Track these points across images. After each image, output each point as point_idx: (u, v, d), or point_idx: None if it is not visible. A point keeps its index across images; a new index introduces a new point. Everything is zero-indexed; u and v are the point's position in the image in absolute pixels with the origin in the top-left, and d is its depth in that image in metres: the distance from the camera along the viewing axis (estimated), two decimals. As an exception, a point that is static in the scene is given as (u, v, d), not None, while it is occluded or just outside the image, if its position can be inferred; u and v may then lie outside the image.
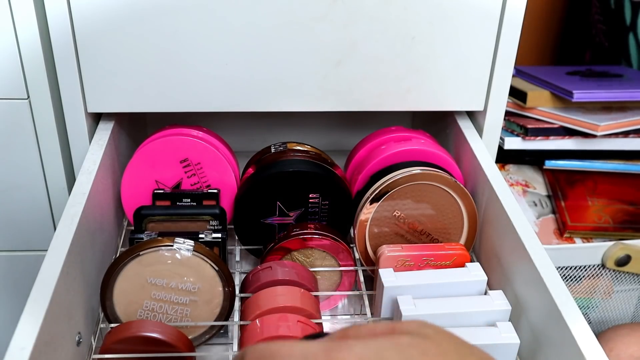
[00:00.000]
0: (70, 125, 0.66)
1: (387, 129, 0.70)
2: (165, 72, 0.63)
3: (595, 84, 0.88)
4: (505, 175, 0.94)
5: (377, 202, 0.62)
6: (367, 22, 0.62)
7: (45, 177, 0.69)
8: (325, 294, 0.65)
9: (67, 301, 0.47)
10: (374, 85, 0.66)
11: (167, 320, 0.55)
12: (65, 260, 0.47)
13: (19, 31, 0.61)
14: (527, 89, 0.88)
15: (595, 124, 0.84)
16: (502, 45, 0.65)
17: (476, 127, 0.71)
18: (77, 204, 0.53)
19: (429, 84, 0.67)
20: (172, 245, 0.54)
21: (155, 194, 0.63)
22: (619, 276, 0.87)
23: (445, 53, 0.65)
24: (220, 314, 0.56)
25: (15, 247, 0.74)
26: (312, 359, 0.29)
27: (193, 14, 0.61)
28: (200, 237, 0.58)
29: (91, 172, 0.58)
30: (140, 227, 0.60)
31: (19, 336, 0.40)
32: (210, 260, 0.54)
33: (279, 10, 0.61)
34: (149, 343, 0.51)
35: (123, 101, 0.65)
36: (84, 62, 0.62)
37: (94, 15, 0.60)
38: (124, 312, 0.55)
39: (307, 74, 0.65)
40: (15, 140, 0.66)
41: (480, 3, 0.63)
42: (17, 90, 0.64)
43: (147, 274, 0.54)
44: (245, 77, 0.64)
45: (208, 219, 0.60)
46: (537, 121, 0.87)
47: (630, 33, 1.01)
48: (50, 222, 0.72)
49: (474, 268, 0.58)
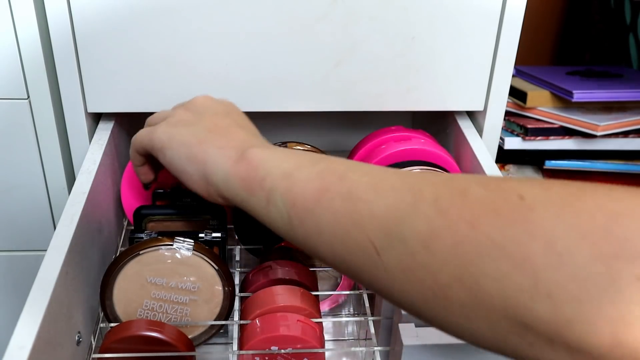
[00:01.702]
0: (70, 125, 0.66)
1: (387, 129, 0.70)
2: (165, 72, 0.64)
3: (595, 84, 0.88)
4: (506, 175, 0.94)
5: (377, 202, 0.61)
6: (367, 22, 0.63)
7: (45, 177, 0.69)
8: (325, 293, 0.65)
9: (66, 301, 0.47)
10: (374, 85, 0.66)
11: (167, 320, 0.55)
12: (65, 260, 0.47)
13: (19, 31, 0.61)
14: (527, 89, 0.88)
15: (595, 124, 0.84)
16: (502, 45, 0.65)
17: (476, 127, 0.71)
18: (77, 204, 0.53)
19: (429, 83, 0.67)
20: (172, 244, 0.54)
21: (155, 193, 0.63)
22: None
23: (446, 53, 0.65)
24: (220, 314, 0.56)
25: (15, 247, 0.74)
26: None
27: (193, 14, 0.61)
28: (200, 237, 0.58)
29: (91, 172, 0.58)
30: (140, 226, 0.60)
31: (19, 335, 0.40)
32: (210, 259, 0.54)
33: (279, 10, 0.61)
34: (148, 342, 0.51)
35: (123, 101, 0.65)
36: (84, 62, 0.63)
37: (94, 15, 0.60)
38: (124, 311, 0.55)
39: (307, 74, 0.65)
40: (15, 140, 0.66)
41: (480, 3, 0.63)
42: (17, 90, 0.64)
43: (147, 273, 0.54)
44: (245, 77, 0.64)
45: (208, 219, 0.60)
46: (537, 121, 0.87)
47: (630, 33, 1.01)
48: (50, 222, 0.72)
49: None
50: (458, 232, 0.30)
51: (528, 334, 0.28)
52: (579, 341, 0.27)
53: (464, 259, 0.29)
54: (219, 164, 0.44)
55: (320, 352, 0.54)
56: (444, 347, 0.51)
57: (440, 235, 0.30)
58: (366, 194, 0.35)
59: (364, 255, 0.34)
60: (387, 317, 0.57)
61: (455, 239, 0.30)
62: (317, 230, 0.36)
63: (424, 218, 0.31)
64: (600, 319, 0.26)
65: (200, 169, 0.45)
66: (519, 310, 0.28)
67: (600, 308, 0.26)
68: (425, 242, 0.31)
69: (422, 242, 0.31)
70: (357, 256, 0.34)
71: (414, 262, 0.31)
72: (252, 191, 0.41)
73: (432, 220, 0.31)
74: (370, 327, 0.57)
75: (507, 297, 0.28)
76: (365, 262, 0.34)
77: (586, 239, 0.27)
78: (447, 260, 0.30)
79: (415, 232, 0.31)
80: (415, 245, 0.31)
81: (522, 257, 0.28)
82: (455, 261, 0.30)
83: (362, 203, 0.34)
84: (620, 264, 0.26)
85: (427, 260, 0.31)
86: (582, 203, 0.28)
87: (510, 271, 0.28)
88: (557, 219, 0.28)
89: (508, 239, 0.28)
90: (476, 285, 0.29)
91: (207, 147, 0.45)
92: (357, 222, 0.34)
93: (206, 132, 0.46)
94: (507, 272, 0.28)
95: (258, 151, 0.43)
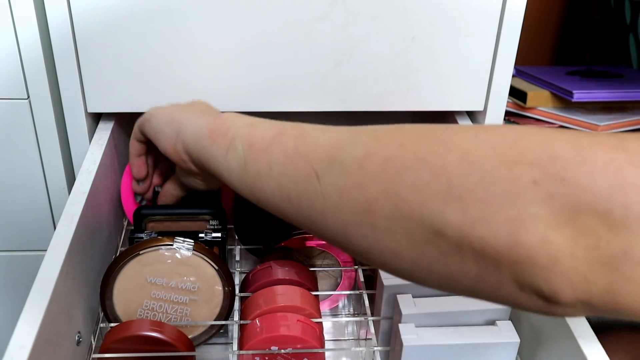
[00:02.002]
0: (70, 125, 0.66)
1: (387, 129, 0.70)
2: (165, 73, 0.63)
3: (595, 84, 0.88)
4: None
5: (377, 202, 0.61)
6: (367, 22, 0.63)
7: (45, 177, 0.69)
8: (325, 293, 0.65)
9: (66, 301, 0.47)
10: (374, 85, 0.66)
11: (167, 320, 0.55)
12: (65, 260, 0.47)
13: (19, 31, 0.61)
14: (527, 89, 0.88)
15: (595, 124, 0.84)
16: (502, 45, 0.65)
17: (476, 127, 0.71)
18: (77, 204, 0.53)
19: (429, 83, 0.67)
20: (172, 244, 0.54)
21: (156, 192, 0.63)
22: (619, 276, 0.87)
23: (445, 53, 0.65)
24: (220, 314, 0.56)
25: (15, 247, 0.74)
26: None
27: (193, 14, 0.61)
28: (200, 237, 0.58)
29: (91, 172, 0.58)
30: (140, 226, 0.60)
31: (19, 335, 0.40)
32: (210, 259, 0.54)
33: (278, 10, 0.61)
34: (148, 342, 0.51)
35: (123, 101, 0.65)
36: (84, 62, 0.63)
37: (94, 15, 0.60)
38: (124, 311, 0.55)
39: (307, 74, 0.65)
40: (15, 140, 0.66)
41: (480, 3, 0.63)
42: (17, 90, 0.64)
43: (147, 273, 0.54)
44: (245, 77, 0.64)
45: (208, 219, 0.60)
46: (537, 121, 0.87)
47: (630, 33, 1.01)
48: (50, 222, 0.72)
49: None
50: (388, 151, 0.34)
51: (441, 240, 0.31)
52: (481, 243, 0.29)
53: (390, 173, 0.33)
54: (192, 122, 0.49)
55: (320, 352, 0.54)
56: (444, 347, 0.51)
57: (373, 155, 0.34)
58: (315, 132, 0.40)
59: (306, 182, 0.37)
60: (387, 317, 0.57)
61: (386, 156, 0.34)
62: (267, 167, 0.40)
63: (362, 144, 0.35)
64: (501, 219, 0.29)
65: (174, 127, 0.50)
66: (434, 217, 0.31)
67: (501, 208, 0.29)
68: (359, 163, 0.34)
69: (357, 163, 0.35)
70: (299, 185, 0.38)
71: (348, 182, 0.35)
72: (215, 140, 0.45)
73: (368, 144, 0.35)
74: (370, 327, 0.57)
75: (423, 205, 0.31)
76: (306, 190, 0.37)
77: (495, 149, 0.30)
78: (375, 175, 0.33)
79: (352, 157, 0.35)
80: (351, 166, 0.35)
81: (439, 167, 0.31)
82: (382, 176, 0.33)
83: (310, 139, 0.39)
84: (520, 169, 0.29)
85: (359, 180, 0.34)
86: (498, 127, 0.32)
87: (428, 180, 0.31)
88: (475, 137, 0.32)
89: (429, 153, 0.32)
90: (397, 197, 0.32)
91: (187, 113, 0.51)
92: (303, 154, 0.38)
93: (189, 107, 0.53)
94: (426, 181, 0.31)
95: (230, 114, 0.48)
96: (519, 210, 0.28)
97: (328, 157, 0.37)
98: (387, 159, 0.33)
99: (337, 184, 0.35)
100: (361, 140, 0.36)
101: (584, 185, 0.27)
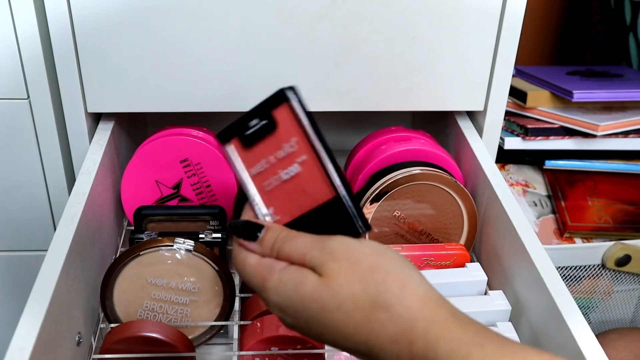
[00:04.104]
0: (70, 125, 0.66)
1: (387, 129, 0.70)
2: (165, 72, 0.63)
3: (595, 84, 0.88)
4: (505, 175, 0.94)
5: (377, 202, 0.62)
6: (368, 22, 0.62)
7: (45, 177, 0.69)
8: (325, 294, 0.65)
9: (67, 301, 0.47)
10: (374, 85, 0.66)
11: (167, 320, 0.55)
12: (66, 260, 0.47)
13: (19, 31, 0.61)
14: (527, 89, 0.88)
15: (595, 124, 0.84)
16: (502, 45, 0.65)
17: (476, 127, 0.71)
18: (77, 204, 0.53)
19: (429, 84, 0.67)
20: (172, 245, 0.54)
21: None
22: (619, 276, 0.87)
23: (445, 53, 0.65)
24: (220, 314, 0.56)
25: (15, 247, 0.74)
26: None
27: (193, 14, 0.61)
28: (200, 237, 0.58)
29: (91, 172, 0.58)
30: (140, 227, 0.60)
31: (19, 336, 0.40)
32: (211, 260, 0.54)
33: (279, 10, 0.61)
34: (149, 343, 0.51)
35: (123, 101, 0.65)
36: (84, 62, 0.62)
37: (94, 15, 0.60)
38: (124, 312, 0.55)
39: (307, 74, 0.65)
40: (15, 140, 0.66)
41: (480, 3, 0.63)
42: (17, 90, 0.64)
43: (147, 274, 0.54)
44: (245, 77, 0.64)
45: (208, 219, 0.60)
46: (537, 121, 0.87)
47: (630, 33, 1.01)
48: (50, 222, 0.72)
49: (474, 268, 0.58)
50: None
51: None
52: None
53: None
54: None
55: (320, 353, 0.54)
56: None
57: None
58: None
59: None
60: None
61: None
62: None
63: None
64: None
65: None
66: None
67: None
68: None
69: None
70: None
71: None
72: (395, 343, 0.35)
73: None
74: (371, 327, 0.56)
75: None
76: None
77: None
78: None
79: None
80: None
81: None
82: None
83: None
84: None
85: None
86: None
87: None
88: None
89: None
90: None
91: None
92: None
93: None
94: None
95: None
96: None
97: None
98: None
99: None
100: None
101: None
